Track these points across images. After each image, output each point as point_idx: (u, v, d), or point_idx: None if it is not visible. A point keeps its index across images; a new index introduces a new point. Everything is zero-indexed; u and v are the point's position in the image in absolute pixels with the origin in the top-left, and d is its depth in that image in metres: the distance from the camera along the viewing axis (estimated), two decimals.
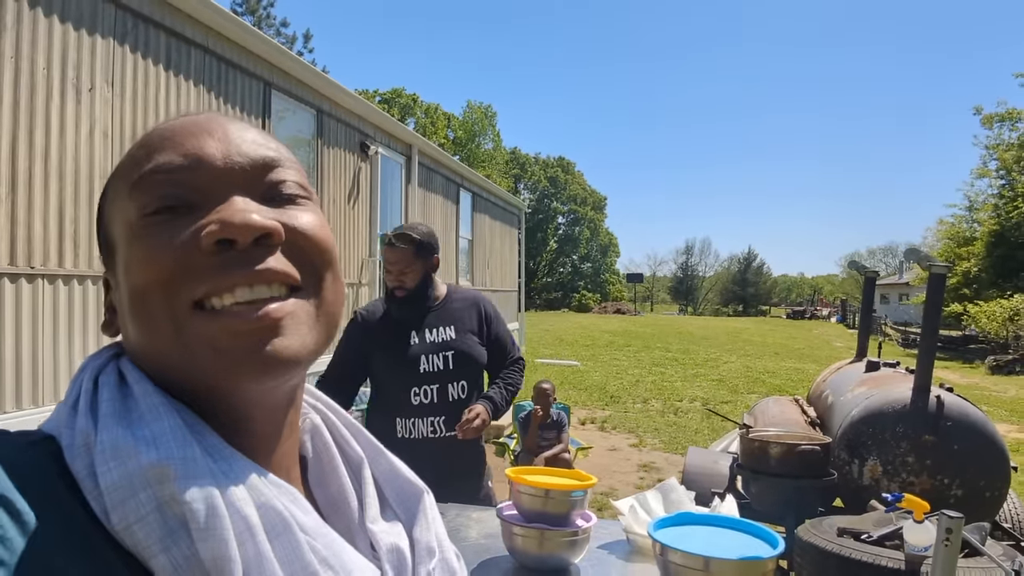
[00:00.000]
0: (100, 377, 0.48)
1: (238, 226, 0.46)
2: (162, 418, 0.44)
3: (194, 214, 0.48)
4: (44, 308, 3.98)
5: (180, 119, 0.53)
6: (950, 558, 1.79)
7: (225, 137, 0.51)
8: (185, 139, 0.50)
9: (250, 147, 0.51)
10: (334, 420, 0.61)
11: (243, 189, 0.49)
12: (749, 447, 3.36)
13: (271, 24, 34.22)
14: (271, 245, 0.48)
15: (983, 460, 3.10)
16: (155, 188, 0.48)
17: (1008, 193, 24.83)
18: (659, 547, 1.29)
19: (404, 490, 0.61)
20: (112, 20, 4.47)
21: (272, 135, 0.56)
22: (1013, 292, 20.10)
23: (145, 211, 0.48)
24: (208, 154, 0.49)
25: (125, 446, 0.42)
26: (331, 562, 0.46)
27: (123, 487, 0.41)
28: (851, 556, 2.33)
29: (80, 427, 0.44)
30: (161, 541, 0.40)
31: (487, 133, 47.83)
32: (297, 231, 0.50)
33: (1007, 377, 15.54)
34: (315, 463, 0.58)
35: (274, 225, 0.47)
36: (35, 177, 3.93)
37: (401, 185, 9.80)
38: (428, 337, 2.54)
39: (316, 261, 0.51)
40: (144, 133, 0.53)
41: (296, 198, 0.52)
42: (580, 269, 65.84)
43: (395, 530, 0.57)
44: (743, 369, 15.39)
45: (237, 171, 0.50)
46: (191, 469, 0.42)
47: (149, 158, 0.49)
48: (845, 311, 43.61)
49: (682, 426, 8.74)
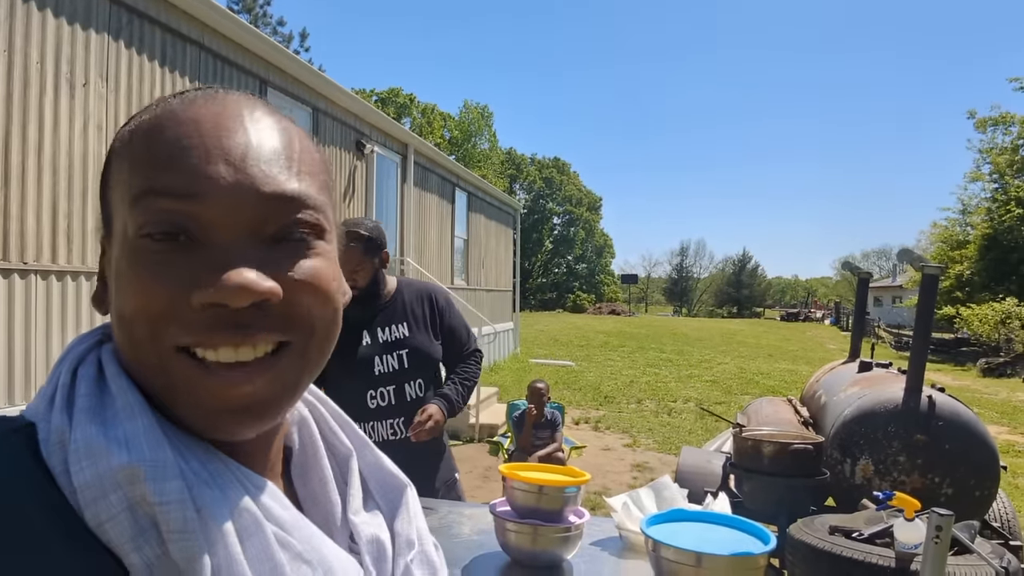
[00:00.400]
0: (79, 368, 0.48)
1: (234, 292, 0.44)
2: (136, 417, 0.44)
3: (192, 251, 0.45)
4: (37, 304, 3.96)
5: (204, 107, 0.49)
6: (940, 555, 1.80)
7: (242, 162, 0.46)
8: (199, 156, 0.46)
9: (268, 179, 0.47)
10: (323, 412, 0.61)
11: (249, 232, 0.46)
12: (742, 446, 3.37)
13: (267, 22, 34.14)
14: (265, 305, 0.45)
15: (973, 460, 3.12)
16: (156, 213, 0.45)
17: (1001, 197, 24.98)
18: (651, 543, 1.29)
19: (388, 483, 0.61)
20: (107, 15, 4.46)
21: (308, 138, 0.53)
22: (1005, 295, 20.21)
23: (142, 231, 0.45)
24: (219, 187, 0.45)
25: (97, 446, 0.42)
26: (307, 556, 0.46)
27: (95, 487, 0.41)
28: (842, 554, 2.34)
29: (55, 423, 0.44)
30: (132, 540, 0.40)
31: (483, 133, 47.85)
32: (298, 287, 0.47)
33: (998, 380, 15.63)
34: (300, 455, 0.58)
35: (271, 290, 0.45)
36: (28, 172, 3.92)
37: (397, 184, 9.80)
38: (380, 336, 2.46)
39: (315, 318, 0.49)
40: (164, 108, 0.49)
41: (309, 242, 0.49)
42: (575, 270, 65.90)
43: (376, 521, 0.57)
44: (737, 370, 15.42)
45: (246, 211, 0.46)
46: (161, 471, 0.42)
47: (158, 169, 0.46)
48: (839, 314, 43.78)
49: (676, 426, 8.76)
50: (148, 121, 0.49)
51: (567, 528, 1.52)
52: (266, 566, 0.44)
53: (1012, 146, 25.51)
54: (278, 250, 0.47)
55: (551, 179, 61.67)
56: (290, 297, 0.47)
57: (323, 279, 0.49)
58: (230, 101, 0.50)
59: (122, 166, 0.49)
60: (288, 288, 0.47)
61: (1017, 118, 25.17)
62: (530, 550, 1.53)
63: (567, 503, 1.54)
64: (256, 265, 0.45)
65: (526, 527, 1.52)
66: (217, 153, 0.46)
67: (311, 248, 0.49)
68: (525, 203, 53.34)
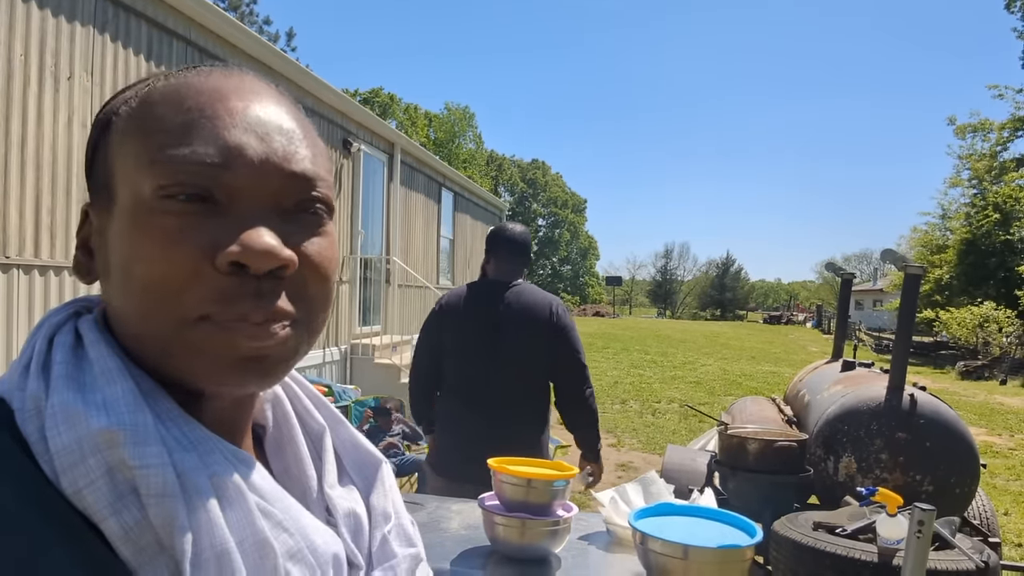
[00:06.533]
0: (56, 337, 0.47)
1: (258, 254, 0.45)
2: (115, 383, 0.44)
3: (217, 215, 0.46)
4: (19, 299, 3.92)
5: (223, 80, 0.50)
6: (921, 550, 1.83)
7: (268, 136, 0.48)
8: (226, 127, 0.47)
9: (293, 157, 0.49)
10: (296, 390, 0.61)
11: (272, 202, 0.48)
12: (727, 443, 3.40)
13: (254, 21, 33.86)
14: (281, 277, 0.47)
15: (954, 457, 3.17)
16: (182, 175, 0.45)
17: (980, 202, 25.35)
18: (639, 536, 1.30)
19: (362, 459, 0.61)
20: (92, 8, 4.41)
21: (310, 124, 0.54)
22: (983, 299, 20.53)
23: (163, 192, 0.45)
24: (247, 157, 0.46)
25: (75, 410, 0.41)
26: (286, 525, 0.47)
27: (73, 451, 0.40)
28: (826, 549, 2.37)
29: (31, 390, 0.43)
30: (111, 505, 0.40)
31: (467, 133, 47.84)
32: (307, 262, 0.49)
33: (976, 382, 15.85)
34: (274, 432, 0.59)
35: (290, 258, 0.46)
36: (11, 166, 3.87)
37: (383, 183, 9.77)
38: None
39: (316, 295, 0.50)
40: (179, 78, 0.50)
41: (322, 218, 0.51)
42: (560, 271, 65.96)
43: (352, 496, 0.58)
44: (720, 372, 15.52)
45: (272, 183, 0.47)
46: (141, 435, 0.41)
47: (183, 136, 0.46)
48: (820, 317, 44.15)
49: (660, 427, 8.80)
50: (162, 89, 0.49)
51: (555, 522, 1.53)
52: (247, 531, 0.44)
53: (991, 152, 25.90)
54: (294, 223, 0.49)
55: (534, 180, 61.71)
56: (300, 270, 0.48)
57: (327, 258, 0.51)
58: (247, 77, 0.52)
59: (130, 131, 0.48)
60: (302, 261, 0.48)
61: (996, 125, 25.56)
62: (518, 543, 1.54)
63: (555, 497, 1.55)
64: (277, 234, 0.46)
65: (514, 521, 1.52)
66: (244, 124, 0.48)
67: (322, 225, 0.51)
68: (509, 204, 53.38)
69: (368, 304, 9.17)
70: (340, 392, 6.64)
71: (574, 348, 2.71)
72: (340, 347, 8.26)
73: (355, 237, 8.68)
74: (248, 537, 0.44)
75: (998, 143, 25.73)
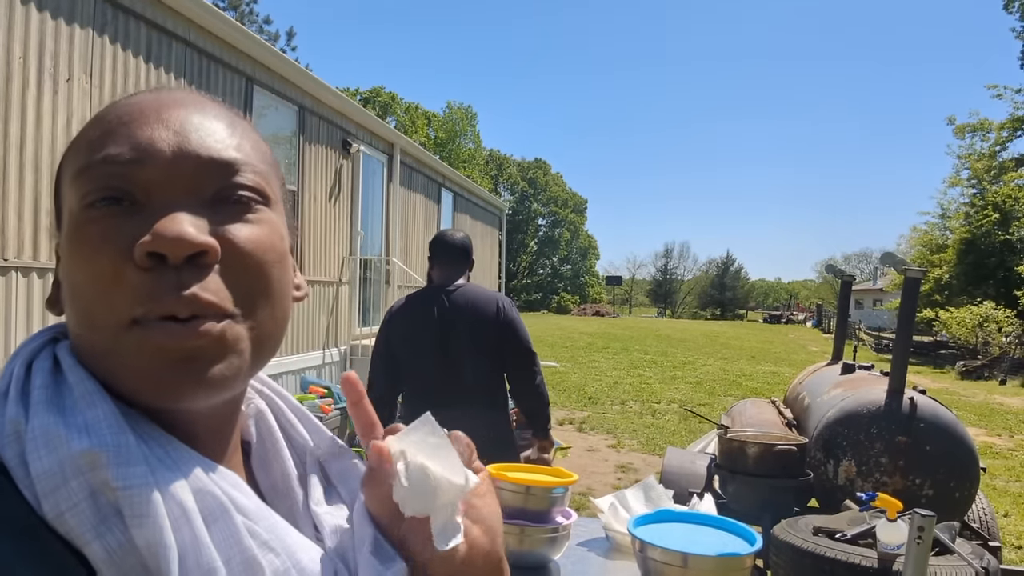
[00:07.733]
0: (34, 363, 0.46)
1: (170, 240, 0.43)
2: (96, 405, 0.43)
3: (135, 214, 0.45)
4: (17, 301, 3.91)
5: (146, 96, 0.51)
6: (922, 556, 1.83)
7: (182, 129, 0.48)
8: (139, 127, 0.47)
9: (207, 144, 0.48)
10: (280, 405, 0.61)
11: (189, 191, 0.47)
12: (727, 447, 3.39)
13: (253, 20, 33.85)
14: (205, 265, 0.45)
15: (954, 461, 3.16)
16: (99, 180, 0.46)
17: (979, 202, 25.37)
18: (638, 544, 1.30)
19: (349, 473, 0.61)
20: (91, 10, 4.41)
21: (253, 129, 0.53)
22: (982, 299, 20.53)
23: (85, 201, 0.46)
24: (158, 149, 0.47)
25: (56, 433, 0.41)
26: (272, 544, 0.46)
27: (54, 474, 0.40)
28: (825, 554, 2.36)
29: (10, 415, 0.43)
30: (94, 528, 0.39)
31: (467, 133, 47.83)
32: (234, 248, 0.47)
33: (976, 382, 15.86)
34: (259, 448, 0.58)
35: (208, 243, 0.45)
36: (10, 168, 3.87)
37: (383, 183, 9.76)
38: None
39: (250, 284, 0.48)
40: (108, 105, 0.51)
41: (250, 205, 0.49)
42: (560, 271, 65.99)
43: (339, 512, 0.57)
44: (720, 372, 15.52)
45: (186, 171, 0.47)
46: (124, 456, 0.41)
47: (100, 145, 0.47)
48: (820, 316, 44.18)
49: (660, 427, 8.80)
50: (92, 121, 0.51)
51: (554, 529, 1.52)
52: (235, 550, 0.43)
53: (990, 152, 25.92)
54: (218, 212, 0.48)
55: (535, 180, 61.73)
56: (228, 259, 0.47)
57: (258, 245, 0.49)
58: (178, 92, 0.52)
59: (66, 159, 0.50)
60: (226, 250, 0.46)
61: (995, 124, 25.57)
62: (517, 551, 1.53)
63: (554, 504, 1.54)
64: (194, 221, 0.45)
65: (513, 528, 1.51)
66: (157, 122, 0.48)
67: (252, 212, 0.49)
68: (510, 204, 53.40)
69: (368, 305, 9.17)
70: (339, 393, 6.63)
71: (522, 339, 2.83)
72: (340, 348, 8.26)
73: (355, 238, 8.68)
74: (235, 556, 0.43)
75: (997, 143, 25.76)
